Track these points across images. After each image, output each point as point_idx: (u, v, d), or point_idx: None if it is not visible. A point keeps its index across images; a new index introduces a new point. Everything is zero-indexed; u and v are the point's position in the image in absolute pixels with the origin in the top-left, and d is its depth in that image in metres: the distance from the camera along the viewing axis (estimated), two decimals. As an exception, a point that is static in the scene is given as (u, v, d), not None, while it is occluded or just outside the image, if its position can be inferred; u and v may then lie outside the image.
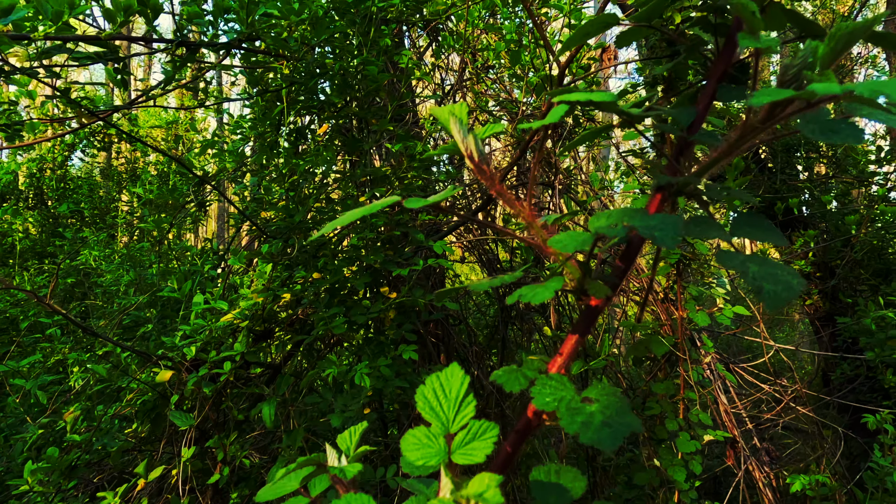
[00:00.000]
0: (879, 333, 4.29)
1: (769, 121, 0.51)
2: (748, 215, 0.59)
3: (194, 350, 2.20)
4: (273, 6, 1.84)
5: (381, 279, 1.93)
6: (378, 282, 1.95)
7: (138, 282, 3.56)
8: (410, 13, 2.13)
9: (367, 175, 1.97)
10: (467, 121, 0.67)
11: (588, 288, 0.59)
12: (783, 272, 0.52)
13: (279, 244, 2.02)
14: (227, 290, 2.65)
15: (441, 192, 0.65)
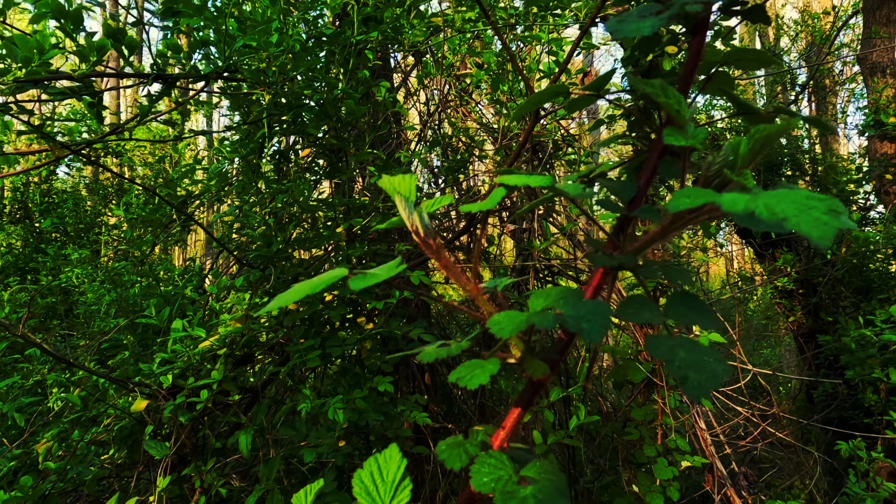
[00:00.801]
0: (859, 352, 4.34)
1: (696, 213, 0.53)
2: (683, 296, 0.60)
3: (170, 378, 2.19)
4: (252, 39, 1.86)
5: (359, 309, 1.93)
6: (356, 311, 1.96)
7: (119, 302, 3.53)
8: (390, 42, 2.16)
9: (345, 204, 1.98)
10: (415, 194, 0.68)
11: (526, 367, 0.60)
12: (710, 358, 0.53)
13: (257, 273, 2.02)
14: (206, 315, 2.64)
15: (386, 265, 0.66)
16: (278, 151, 2.53)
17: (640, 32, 0.51)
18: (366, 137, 1.98)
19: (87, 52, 1.38)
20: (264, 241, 2.04)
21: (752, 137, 0.50)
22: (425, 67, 2.43)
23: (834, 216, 0.40)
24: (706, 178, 0.53)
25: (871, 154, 4.72)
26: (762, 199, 0.43)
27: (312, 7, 2.15)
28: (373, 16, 2.13)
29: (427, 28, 2.12)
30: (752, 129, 0.50)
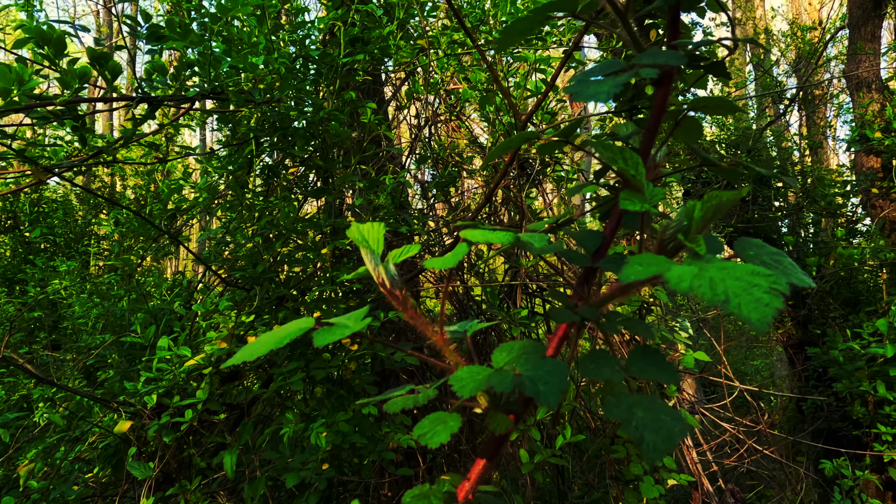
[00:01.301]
0: (847, 365, 4.37)
1: (650, 279, 0.54)
2: (644, 350, 0.61)
3: (155, 398, 2.18)
4: (238, 61, 1.86)
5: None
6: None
7: (107, 316, 3.51)
8: (377, 63, 2.17)
9: (331, 225, 1.98)
10: (382, 243, 0.69)
11: (489, 422, 0.60)
12: (668, 417, 0.54)
13: (242, 293, 2.02)
14: (193, 332, 2.63)
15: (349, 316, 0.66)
16: (267, 166, 2.53)
17: (597, 98, 0.52)
18: (352, 158, 1.98)
19: (69, 79, 1.39)
20: (250, 260, 2.04)
21: (705, 205, 0.51)
22: (414, 86, 2.45)
23: (775, 296, 0.41)
24: (662, 241, 0.54)
25: (857, 168, 4.77)
26: (708, 274, 0.44)
27: (300, 27, 2.16)
28: (360, 36, 2.14)
29: (413, 50, 2.13)
30: (705, 197, 0.51)
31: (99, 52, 1.57)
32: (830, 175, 5.83)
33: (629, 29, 0.69)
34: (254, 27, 2.05)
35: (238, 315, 2.24)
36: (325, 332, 0.61)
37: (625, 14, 0.68)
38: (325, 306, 1.86)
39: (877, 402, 4.39)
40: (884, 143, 4.33)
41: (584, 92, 0.54)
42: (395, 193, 2.10)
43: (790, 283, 0.61)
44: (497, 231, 0.60)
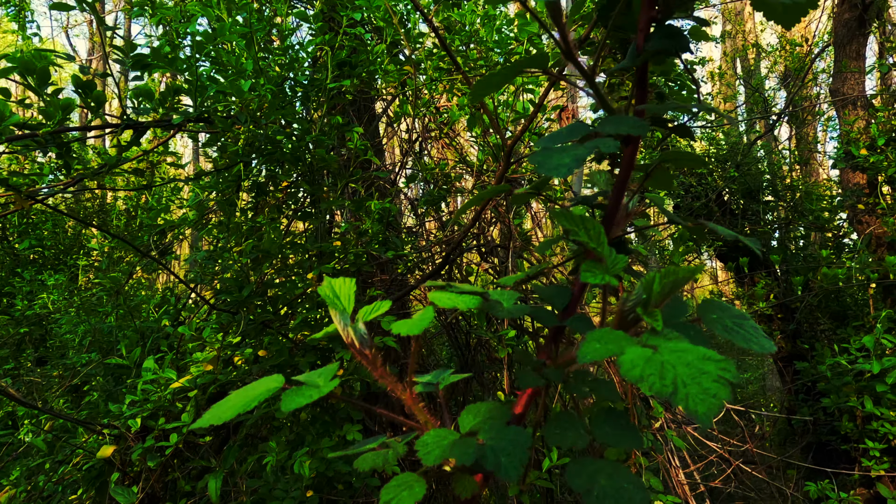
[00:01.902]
0: (835, 380, 4.40)
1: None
2: (608, 413, 0.62)
3: (139, 422, 2.16)
4: (225, 87, 1.87)
5: (328, 356, 1.93)
6: (326, 358, 1.95)
7: (94, 333, 3.49)
8: (365, 87, 2.18)
9: (317, 248, 1.98)
10: (353, 300, 0.69)
11: (454, 485, 0.61)
12: (631, 486, 0.55)
13: (227, 317, 2.01)
14: (179, 351, 2.62)
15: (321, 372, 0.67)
16: (256, 184, 2.53)
17: (558, 173, 0.53)
18: (338, 183, 1.99)
19: (52, 111, 1.39)
20: (236, 284, 2.03)
21: (664, 280, 0.52)
22: (403, 107, 2.46)
23: (723, 385, 0.42)
24: (622, 313, 0.55)
25: (843, 184, 4.82)
26: (661, 359, 0.45)
27: (289, 50, 2.17)
28: (347, 60, 2.15)
29: (401, 74, 2.15)
30: (663, 271, 0.52)
31: (84, 80, 1.57)
32: (818, 189, 5.90)
33: (596, 90, 0.70)
34: (242, 51, 2.06)
35: (224, 337, 2.24)
36: (293, 394, 0.61)
37: (591, 76, 0.69)
38: (308, 331, 1.86)
39: (865, 417, 4.42)
40: (869, 160, 4.39)
41: (547, 164, 0.55)
42: (383, 213, 2.10)
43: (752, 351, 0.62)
44: (464, 295, 0.61)
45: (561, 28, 0.64)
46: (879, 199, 4.51)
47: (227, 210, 2.41)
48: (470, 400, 2.89)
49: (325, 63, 2.14)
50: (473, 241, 2.84)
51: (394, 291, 2.93)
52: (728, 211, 6.33)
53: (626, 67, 0.72)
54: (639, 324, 0.55)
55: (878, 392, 4.12)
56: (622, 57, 0.97)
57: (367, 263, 2.00)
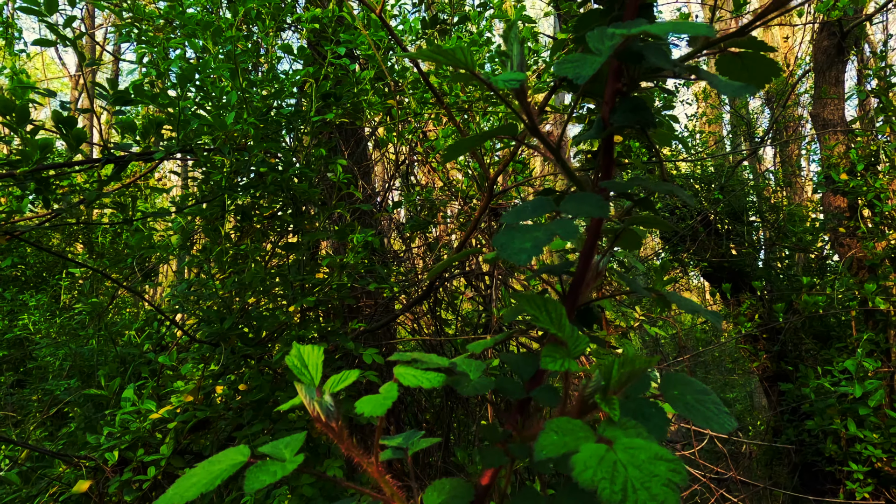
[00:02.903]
0: (818, 402, 4.43)
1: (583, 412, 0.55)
2: (573, 489, 0.62)
3: (116, 455, 2.13)
4: (208, 120, 1.88)
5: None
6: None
7: (74, 357, 3.44)
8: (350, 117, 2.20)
9: (300, 280, 1.98)
10: (321, 370, 0.70)
11: (418, 565, 0.60)
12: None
13: (207, 349, 2.00)
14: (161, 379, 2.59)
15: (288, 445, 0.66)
16: (240, 208, 2.53)
17: (519, 259, 0.54)
18: (321, 216, 1.99)
19: (30, 151, 1.38)
20: (217, 315, 2.02)
21: (621, 369, 0.52)
22: (387, 136, 2.48)
23: (671, 490, 0.43)
24: (583, 399, 0.55)
25: (825, 207, 4.90)
26: (613, 458, 0.45)
27: (274, 81, 2.19)
28: (332, 92, 2.17)
29: (385, 106, 2.17)
30: (621, 359, 0.53)
31: (65, 116, 1.57)
32: (801, 211, 5.98)
33: (562, 163, 0.71)
34: (227, 81, 2.07)
35: (205, 367, 2.22)
36: (257, 471, 0.61)
37: (556, 150, 0.70)
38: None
39: (849, 439, 4.45)
40: (849, 185, 4.46)
41: (509, 247, 0.56)
42: (367, 244, 2.11)
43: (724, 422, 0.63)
44: (429, 372, 0.61)
45: (525, 107, 0.66)
46: (860, 222, 4.58)
47: (211, 235, 2.41)
48: (454, 427, 2.88)
49: (310, 95, 2.15)
50: (458, 270, 2.85)
51: (379, 318, 2.92)
52: (713, 231, 6.40)
53: (593, 137, 0.74)
54: (598, 408, 0.55)
55: (861, 415, 4.15)
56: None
57: (350, 295, 2.00)
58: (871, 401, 4.05)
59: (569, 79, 0.58)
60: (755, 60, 0.77)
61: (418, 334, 2.91)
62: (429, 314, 3.31)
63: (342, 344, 1.92)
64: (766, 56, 0.78)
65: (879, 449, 4.15)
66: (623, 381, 0.52)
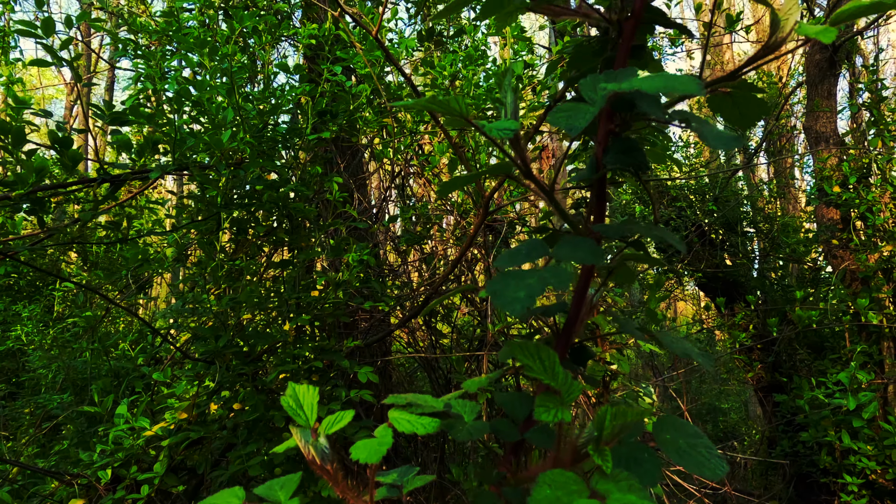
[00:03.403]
0: (813, 414, 4.44)
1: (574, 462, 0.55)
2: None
3: (109, 473, 2.12)
4: (204, 139, 1.88)
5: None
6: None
7: (67, 371, 3.42)
8: (346, 133, 2.20)
9: (295, 297, 1.98)
10: (316, 410, 0.70)
11: None
12: None
13: (202, 366, 1.99)
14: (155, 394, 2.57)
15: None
16: (236, 221, 2.53)
17: (513, 310, 0.54)
18: (315, 233, 2.00)
19: (25, 174, 1.38)
20: (212, 332, 2.01)
21: (614, 421, 0.53)
22: (383, 150, 2.49)
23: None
24: (575, 448, 0.56)
25: (818, 219, 4.93)
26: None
27: (270, 98, 2.19)
28: (328, 109, 2.17)
29: (380, 124, 2.18)
30: (615, 410, 0.53)
31: (61, 136, 1.57)
32: (794, 222, 6.02)
33: (555, 204, 0.72)
34: (223, 99, 2.08)
35: (200, 384, 2.21)
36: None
37: (550, 192, 0.71)
38: (285, 384, 1.85)
39: (843, 451, 4.46)
40: (841, 197, 4.50)
41: (503, 296, 0.57)
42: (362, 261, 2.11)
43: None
44: (423, 417, 0.62)
45: (520, 153, 0.66)
46: (852, 234, 4.62)
47: (206, 249, 2.40)
48: (448, 441, 2.87)
49: (307, 110, 2.16)
50: (454, 284, 2.85)
51: (375, 332, 2.92)
52: (708, 242, 6.43)
53: (585, 179, 0.74)
54: (588, 458, 0.56)
55: (855, 427, 4.16)
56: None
57: (345, 312, 2.00)
58: (865, 413, 4.07)
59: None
60: (745, 99, 0.79)
61: (413, 347, 2.91)
62: (424, 327, 3.31)
63: (337, 362, 1.92)
64: (755, 96, 0.79)
65: (874, 461, 4.16)
66: (616, 432, 0.53)
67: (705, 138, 0.57)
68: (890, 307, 4.51)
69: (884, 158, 4.54)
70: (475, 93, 2.13)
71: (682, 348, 0.68)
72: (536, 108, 2.21)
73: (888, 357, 4.54)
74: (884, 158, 4.54)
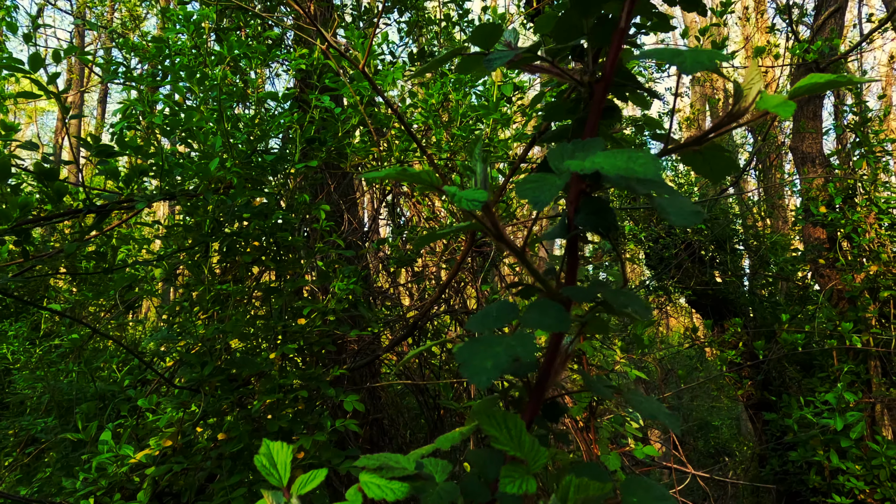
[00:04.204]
0: (801, 433, 4.46)
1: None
2: None
3: (92, 502, 2.09)
4: (192, 169, 1.89)
5: (292, 438, 1.90)
6: (289, 440, 1.93)
7: (53, 391, 3.39)
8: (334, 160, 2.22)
9: (282, 325, 1.98)
10: (289, 470, 0.70)
11: None
12: None
13: (186, 394, 1.98)
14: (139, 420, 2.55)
15: None
16: (226, 240, 2.53)
17: (479, 381, 0.55)
18: (302, 262, 2.01)
19: (9, 211, 1.38)
20: (198, 360, 2.01)
21: (577, 495, 0.54)
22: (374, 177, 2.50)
23: None
24: (540, 518, 0.57)
25: (805, 239, 4.99)
26: None
27: (260, 124, 2.21)
28: (316, 136, 2.19)
29: (366, 154, 2.19)
30: (577, 482, 0.54)
31: (47, 169, 1.58)
32: (783, 240, 6.08)
33: (527, 264, 0.73)
34: (212, 124, 2.09)
35: (185, 410, 2.19)
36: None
37: (521, 252, 0.72)
38: (270, 416, 1.84)
39: (832, 470, 4.47)
40: (828, 217, 4.55)
41: (471, 365, 0.58)
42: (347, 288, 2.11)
43: None
44: (394, 482, 0.62)
45: (490, 219, 0.68)
46: (839, 254, 4.67)
47: (194, 272, 2.40)
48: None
49: (295, 138, 2.17)
50: (444, 307, 2.86)
51: (364, 354, 2.92)
52: (698, 259, 6.48)
53: (557, 237, 0.76)
54: (556, 527, 0.57)
55: (844, 447, 4.18)
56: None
57: (331, 342, 2.00)
58: (853, 433, 4.09)
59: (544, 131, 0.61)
60: (715, 157, 0.81)
61: (402, 370, 2.91)
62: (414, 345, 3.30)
63: (323, 391, 1.92)
64: (724, 154, 0.81)
65: (862, 481, 4.18)
66: (580, 502, 0.54)
67: (666, 213, 0.59)
68: (876, 327, 4.55)
69: (868, 179, 4.61)
70: (463, 124, 2.15)
71: (649, 410, 0.69)
72: (523, 139, 2.24)
73: (875, 376, 4.57)
74: (868, 179, 4.61)
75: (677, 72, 5.18)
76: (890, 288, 4.46)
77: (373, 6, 5.14)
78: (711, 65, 0.58)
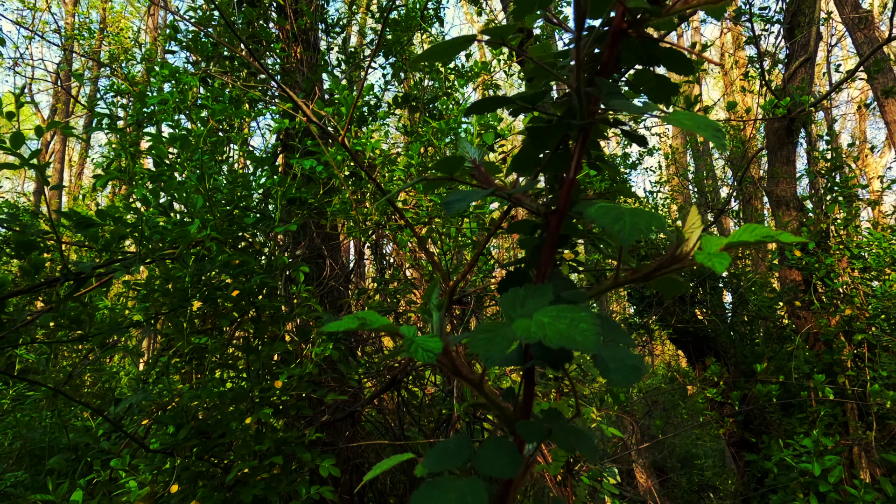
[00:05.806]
0: (782, 477, 4.48)
1: None
2: None
3: (60, 569, 2.05)
4: (172, 234, 1.91)
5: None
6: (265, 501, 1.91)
7: (24, 441, 3.32)
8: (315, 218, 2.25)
9: (259, 389, 1.98)
10: None
11: None
12: None
13: (160, 458, 1.96)
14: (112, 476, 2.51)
15: None
16: (204, 295, 2.53)
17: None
18: (280, 326, 2.02)
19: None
20: (173, 421, 2.00)
21: None
22: (352, 232, 2.54)
23: None
24: None
25: (782, 281, 5.09)
26: None
27: (241, 187, 2.24)
28: (297, 197, 2.23)
29: (347, 216, 2.24)
30: None
31: (24, 240, 1.59)
32: (761, 279, 6.19)
33: (485, 395, 0.76)
34: (193, 183, 2.11)
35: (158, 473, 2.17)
36: None
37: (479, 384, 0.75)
38: (245, 483, 1.83)
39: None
40: (802, 261, 4.66)
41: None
42: (328, 349, 2.12)
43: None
44: None
45: (448, 359, 0.71)
46: (813, 297, 4.76)
47: (174, 322, 2.40)
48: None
49: (276, 198, 2.20)
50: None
51: (344, 407, 2.91)
52: (679, 297, 6.56)
53: (514, 364, 0.79)
54: None
55: (822, 491, 4.21)
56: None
57: (307, 406, 2.00)
58: (831, 477, 4.12)
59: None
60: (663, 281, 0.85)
61: (382, 423, 2.90)
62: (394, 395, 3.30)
63: (299, 455, 1.91)
64: (675, 279, 0.85)
65: (841, 525, 4.19)
66: None
67: (608, 372, 0.62)
68: (852, 369, 4.63)
69: (840, 224, 4.74)
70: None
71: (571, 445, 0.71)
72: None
73: (852, 419, 4.63)
74: (840, 224, 4.74)
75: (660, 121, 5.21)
76: (864, 331, 4.55)
77: (359, 51, 5.24)
78: (647, 231, 0.62)
